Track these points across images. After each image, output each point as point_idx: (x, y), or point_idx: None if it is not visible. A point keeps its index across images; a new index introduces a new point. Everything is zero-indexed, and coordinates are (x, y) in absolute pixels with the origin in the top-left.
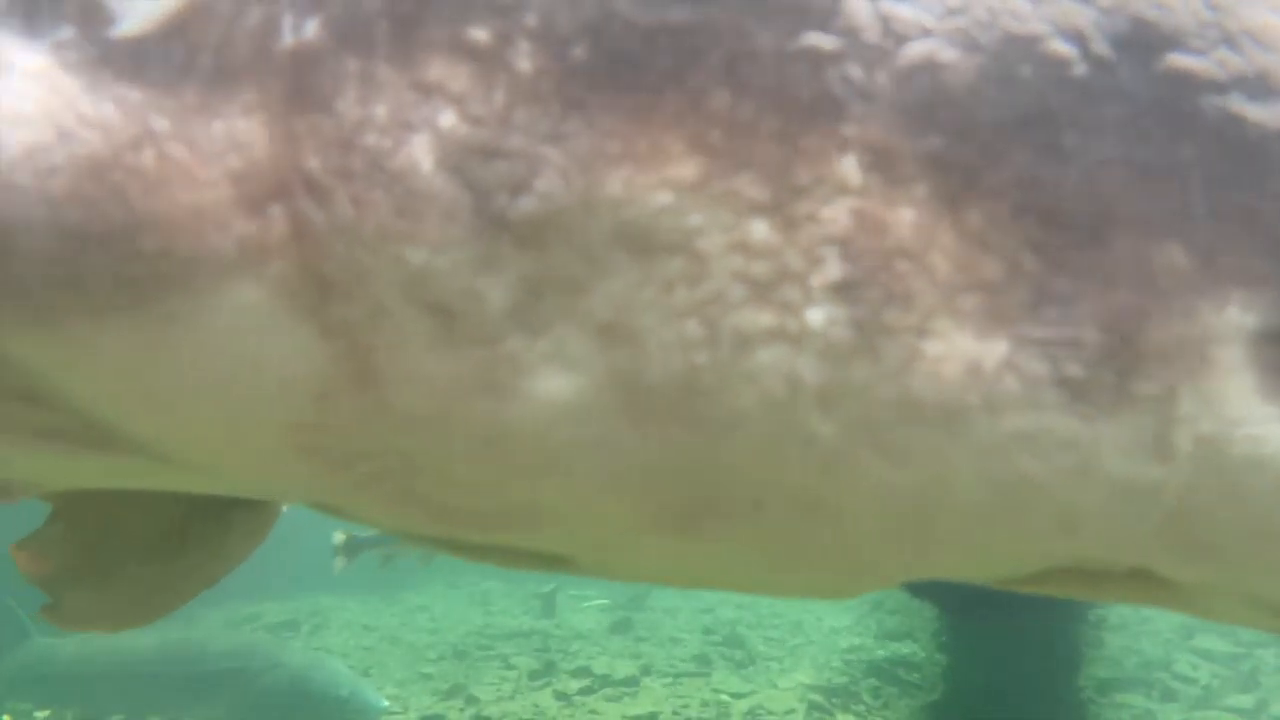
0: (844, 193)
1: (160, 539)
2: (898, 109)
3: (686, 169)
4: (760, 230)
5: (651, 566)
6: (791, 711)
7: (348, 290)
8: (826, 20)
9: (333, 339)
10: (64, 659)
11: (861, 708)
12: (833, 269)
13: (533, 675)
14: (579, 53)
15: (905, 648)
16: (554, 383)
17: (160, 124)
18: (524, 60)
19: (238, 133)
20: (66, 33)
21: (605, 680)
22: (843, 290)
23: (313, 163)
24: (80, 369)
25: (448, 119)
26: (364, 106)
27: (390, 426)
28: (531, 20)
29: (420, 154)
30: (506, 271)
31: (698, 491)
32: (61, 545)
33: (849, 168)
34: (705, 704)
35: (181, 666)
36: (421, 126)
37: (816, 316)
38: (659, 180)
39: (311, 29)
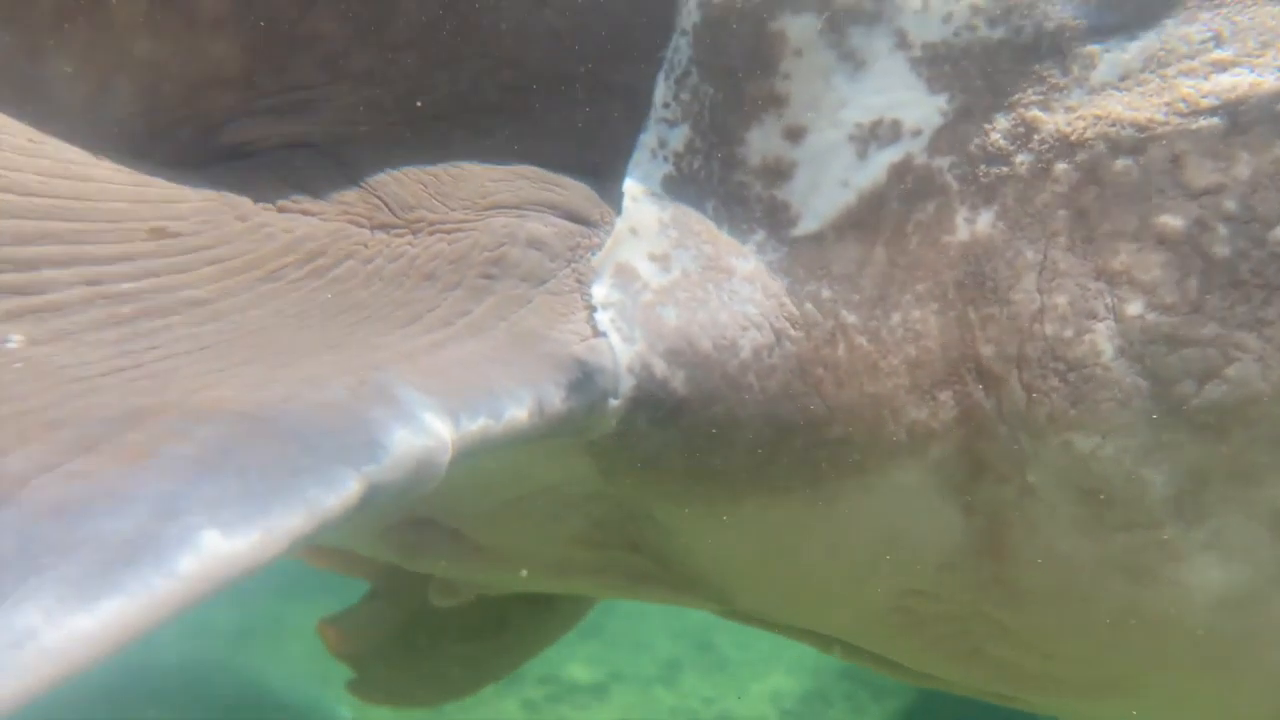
0: None
1: (480, 620)
2: None
3: None
4: None
5: None
6: (763, 718)
7: (1001, 472)
8: None
9: (973, 515)
10: None
11: (835, 713)
12: None
13: (498, 682)
14: None
15: None
16: (1211, 572)
17: (849, 318)
18: (1221, 246)
19: (913, 322)
20: (760, 235)
21: (573, 687)
22: None
23: (986, 350)
24: (717, 535)
25: (1134, 307)
26: (1043, 295)
27: (999, 598)
28: (1230, 205)
29: (1102, 342)
30: (1175, 459)
31: None
32: (378, 623)
33: None
34: (675, 711)
35: None
36: (1105, 315)
37: None
38: None
39: (985, 220)
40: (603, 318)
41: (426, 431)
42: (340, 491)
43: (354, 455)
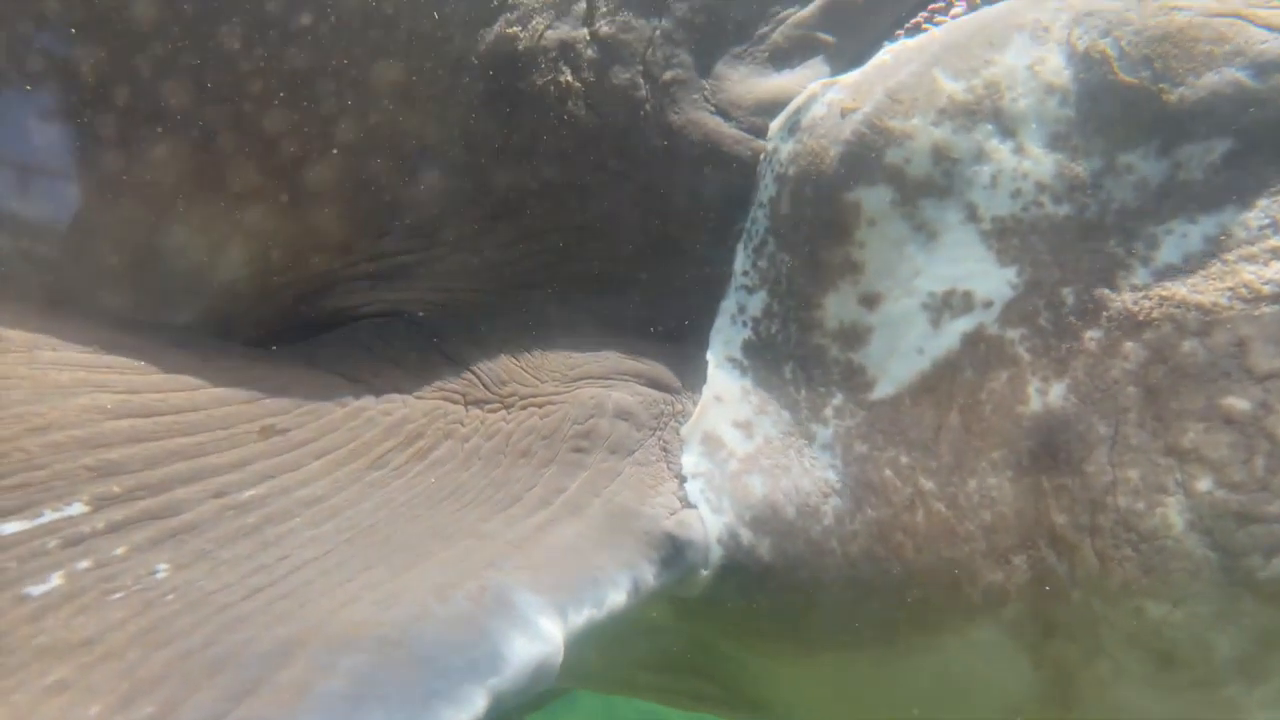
0: None
1: None
2: None
3: None
4: None
5: None
6: None
7: (1072, 632)
8: None
9: (1042, 668)
10: None
11: None
12: None
13: None
14: None
15: None
16: None
17: (927, 485)
18: None
19: (989, 489)
20: (838, 399)
21: None
22: None
23: (1060, 519)
24: (790, 674)
25: (1204, 484)
26: (1115, 469)
27: None
28: None
29: (1174, 516)
30: (1242, 625)
31: None
32: None
33: None
34: None
35: None
36: (1175, 489)
37: None
38: None
39: (1057, 393)
40: (692, 488)
41: (541, 637)
42: (470, 709)
43: (479, 670)
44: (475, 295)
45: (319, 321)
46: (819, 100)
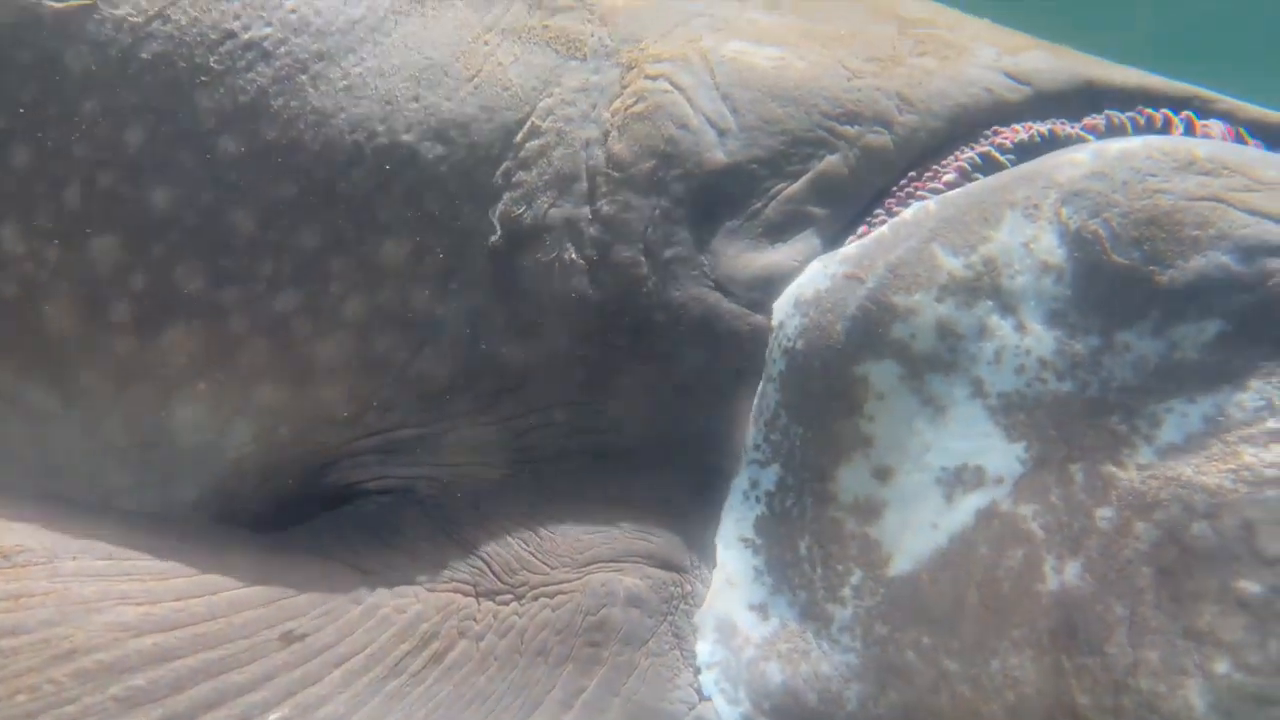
0: None
1: None
2: None
3: None
4: None
5: None
6: None
7: None
8: None
9: None
10: None
11: None
12: None
13: None
14: None
15: None
16: None
17: (950, 665)
18: None
19: (1011, 669)
20: (856, 576)
21: None
22: None
23: (1083, 700)
24: None
25: (1222, 666)
26: (1135, 650)
27: None
28: None
29: (1194, 698)
30: None
31: None
32: None
33: None
34: None
35: None
36: (1194, 672)
37: None
38: None
39: (1073, 572)
40: (707, 679)
41: None
42: None
43: None
44: (482, 470)
45: (326, 496)
46: (823, 274)
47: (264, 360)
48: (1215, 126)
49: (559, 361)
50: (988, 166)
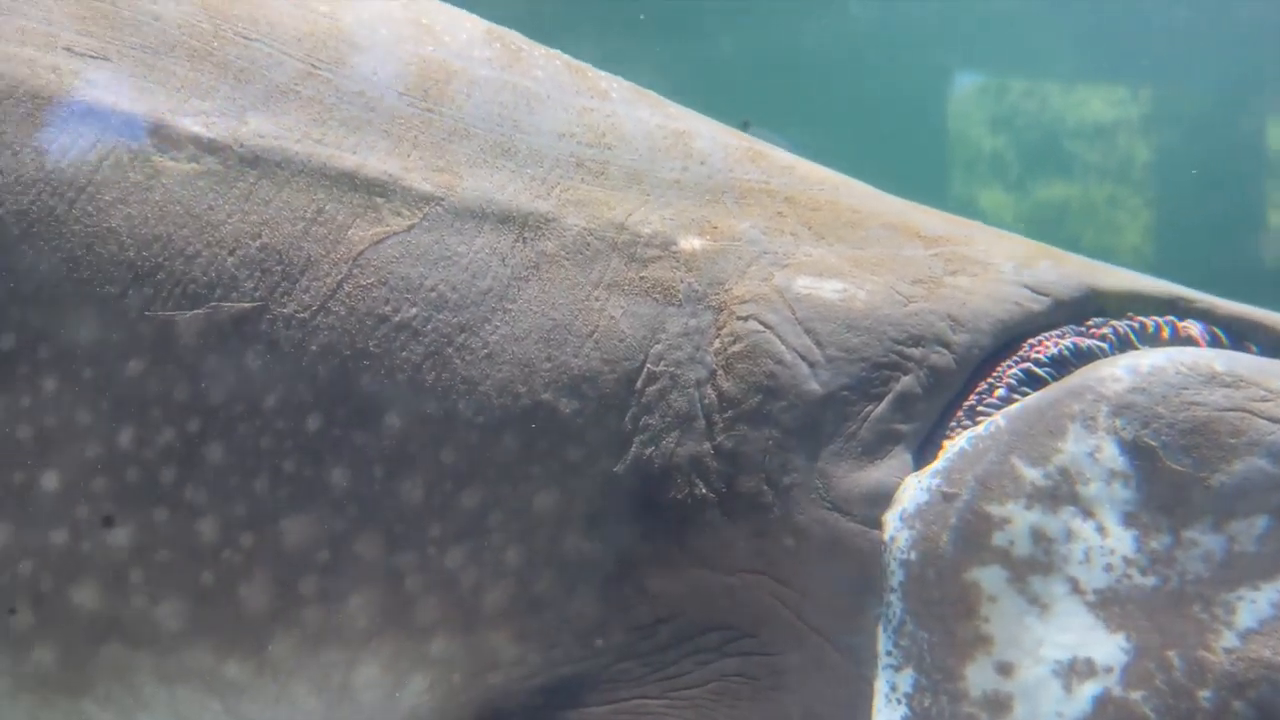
0: None
1: None
2: None
3: None
4: None
5: None
6: None
7: None
8: None
9: None
10: None
11: None
12: None
13: None
14: None
15: None
16: None
17: None
18: None
19: None
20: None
21: None
22: None
23: None
24: None
25: None
26: None
27: None
28: None
29: None
30: None
31: None
32: None
33: None
34: None
35: None
36: None
37: None
38: None
39: None
40: None
41: None
42: None
43: None
44: (641, 703)
45: None
46: (920, 489)
47: (437, 614)
48: (1193, 327)
49: (702, 591)
50: (1030, 381)
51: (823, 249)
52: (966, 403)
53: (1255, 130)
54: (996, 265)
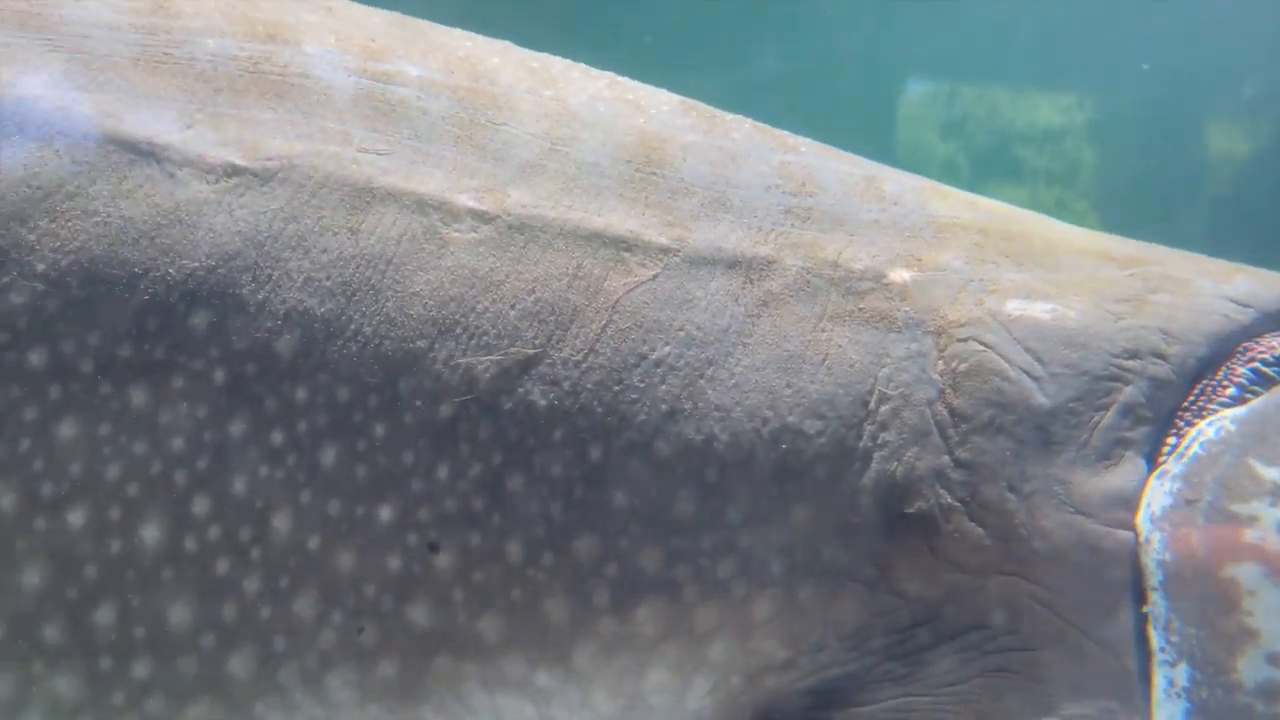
0: None
1: None
2: None
3: None
4: None
5: None
6: None
7: None
8: None
9: None
10: None
11: None
12: None
13: None
14: None
15: None
16: None
17: None
18: None
19: None
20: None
21: None
22: None
23: None
24: None
25: None
26: None
27: None
28: None
29: None
30: None
31: None
32: None
33: None
34: None
35: None
36: None
37: None
38: None
39: None
40: None
41: None
42: None
43: None
44: (906, 701)
45: None
46: (1163, 492)
47: (715, 621)
48: None
49: (960, 592)
50: (1260, 380)
51: (1024, 274)
52: (1191, 407)
53: (1195, 133)
54: (1194, 282)
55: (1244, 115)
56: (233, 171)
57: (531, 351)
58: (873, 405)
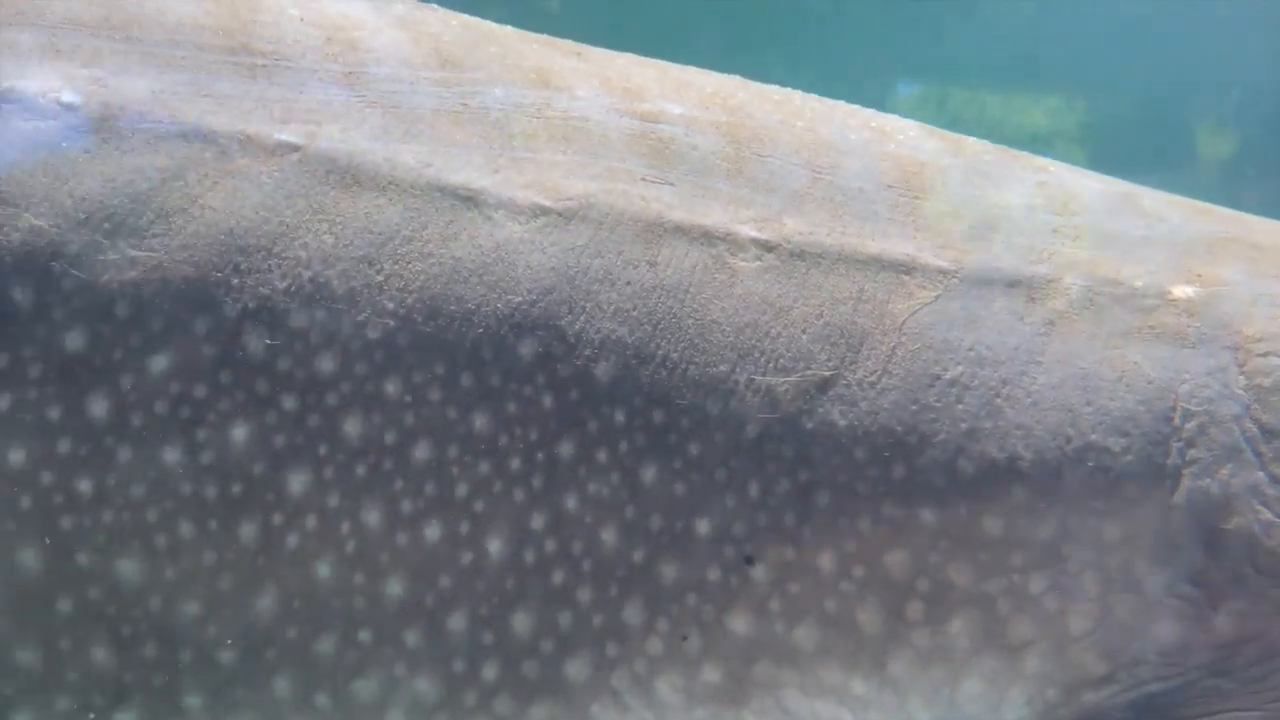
0: None
1: None
2: None
3: None
4: None
5: None
6: None
7: None
8: None
9: None
10: None
11: None
12: None
13: None
14: None
15: None
16: None
17: None
18: None
19: None
20: None
21: None
22: None
23: None
24: None
25: None
26: None
27: None
28: None
29: None
30: None
31: None
32: None
33: None
34: None
35: None
36: None
37: None
38: None
39: None
40: None
41: None
42: None
43: None
44: (1234, 716)
45: None
46: None
47: (1029, 634)
48: None
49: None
50: None
51: None
52: None
53: (1184, 136)
54: None
55: (1231, 118)
56: (540, 212)
57: (827, 373)
58: (1177, 422)
